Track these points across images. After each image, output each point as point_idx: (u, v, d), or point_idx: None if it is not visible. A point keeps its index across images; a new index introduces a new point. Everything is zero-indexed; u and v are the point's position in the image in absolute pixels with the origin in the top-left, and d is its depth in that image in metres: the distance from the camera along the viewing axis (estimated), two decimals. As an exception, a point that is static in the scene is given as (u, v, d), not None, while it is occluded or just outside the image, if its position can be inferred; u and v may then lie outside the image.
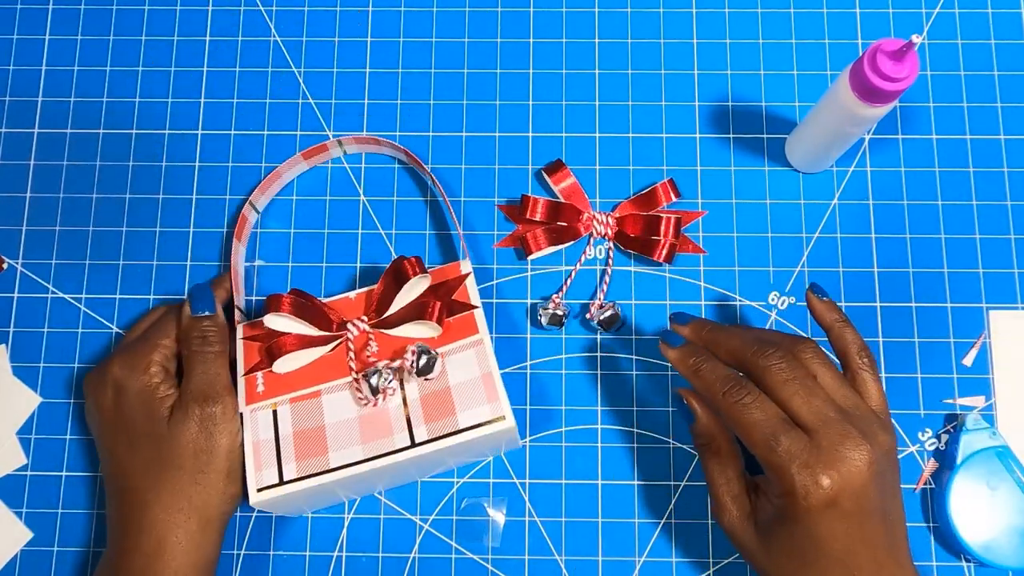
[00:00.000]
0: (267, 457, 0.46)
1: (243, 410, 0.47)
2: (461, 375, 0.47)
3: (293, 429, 0.47)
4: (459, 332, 0.48)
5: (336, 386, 0.47)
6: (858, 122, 0.45)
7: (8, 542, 0.51)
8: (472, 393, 0.46)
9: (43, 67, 0.57)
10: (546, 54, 0.57)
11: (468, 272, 0.50)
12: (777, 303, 0.53)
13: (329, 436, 0.46)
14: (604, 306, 0.52)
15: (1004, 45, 0.56)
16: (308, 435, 0.46)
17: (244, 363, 0.48)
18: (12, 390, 0.52)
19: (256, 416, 0.47)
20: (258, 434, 0.47)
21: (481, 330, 0.48)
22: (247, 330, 0.50)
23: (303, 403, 0.47)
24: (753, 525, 0.43)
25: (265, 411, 0.47)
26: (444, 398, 0.46)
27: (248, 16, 0.57)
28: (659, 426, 0.51)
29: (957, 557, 0.50)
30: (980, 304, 0.53)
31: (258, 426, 0.47)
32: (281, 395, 0.47)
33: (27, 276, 0.54)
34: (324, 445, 0.46)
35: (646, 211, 0.53)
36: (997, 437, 0.49)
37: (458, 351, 0.47)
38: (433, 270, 0.50)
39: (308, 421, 0.47)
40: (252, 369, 0.48)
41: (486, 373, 0.46)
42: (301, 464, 0.46)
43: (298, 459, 0.46)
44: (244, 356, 0.49)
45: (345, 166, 0.55)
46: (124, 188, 0.55)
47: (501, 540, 0.50)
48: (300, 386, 0.47)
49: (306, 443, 0.46)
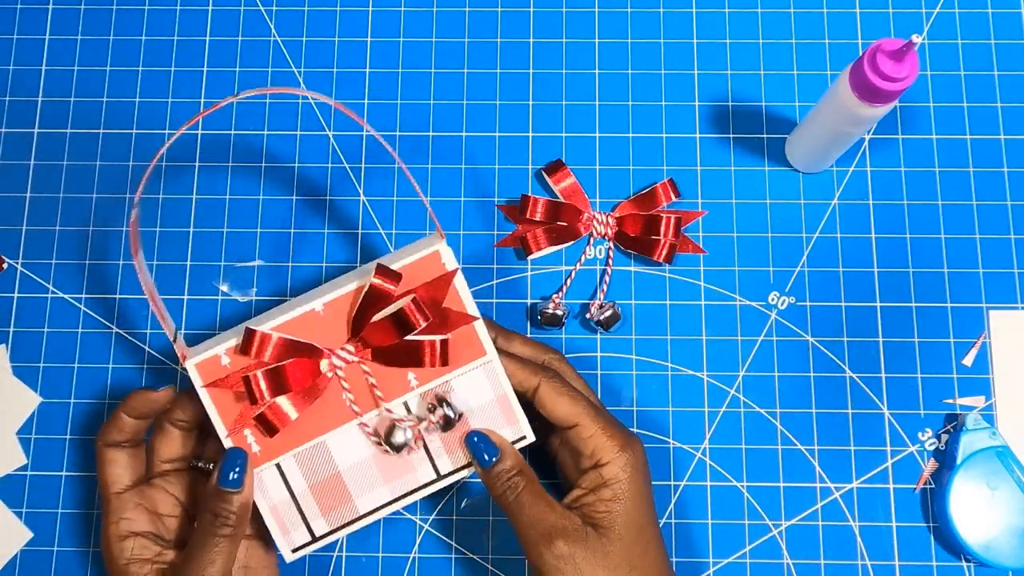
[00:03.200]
0: (290, 518, 0.44)
1: None
2: (475, 399, 0.44)
3: (308, 484, 0.44)
4: (463, 352, 0.44)
5: (339, 430, 0.44)
6: (858, 122, 0.45)
7: (8, 542, 0.51)
8: (490, 417, 0.44)
9: (43, 67, 0.57)
10: (546, 54, 0.57)
11: (454, 269, 0.43)
12: (777, 303, 0.53)
13: (348, 482, 0.44)
14: (604, 306, 0.52)
15: (1004, 45, 0.56)
16: (326, 486, 0.44)
17: (219, 417, 0.42)
18: (12, 390, 0.52)
19: (261, 478, 0.43)
20: (271, 497, 0.44)
21: (487, 347, 0.44)
22: (205, 371, 0.42)
23: (308, 452, 0.44)
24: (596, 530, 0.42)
25: (269, 470, 0.44)
26: (460, 426, 0.44)
27: (248, 16, 0.57)
28: (659, 426, 0.51)
29: (957, 557, 0.50)
30: (980, 304, 0.53)
31: (267, 489, 0.44)
32: (282, 454, 0.43)
33: (27, 276, 0.54)
34: (346, 492, 0.44)
35: (646, 211, 0.53)
36: (997, 437, 0.49)
37: (466, 373, 0.44)
38: (404, 264, 0.43)
39: (321, 471, 0.44)
40: (235, 428, 0.42)
41: (500, 395, 0.44)
42: (329, 517, 0.44)
43: (324, 513, 0.44)
44: (216, 409, 0.42)
45: (345, 166, 0.55)
46: (124, 188, 0.55)
47: (500, 540, 0.50)
48: (301, 439, 0.43)
49: (327, 495, 0.44)
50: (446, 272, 0.43)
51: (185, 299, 0.53)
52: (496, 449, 0.43)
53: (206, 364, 0.42)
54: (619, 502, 0.42)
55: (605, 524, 0.42)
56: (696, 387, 0.52)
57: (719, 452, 0.51)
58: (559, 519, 0.42)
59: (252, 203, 0.54)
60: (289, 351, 0.42)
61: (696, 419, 0.52)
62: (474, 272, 0.53)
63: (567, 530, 0.41)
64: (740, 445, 0.51)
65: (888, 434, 0.51)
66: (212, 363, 0.42)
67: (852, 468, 0.51)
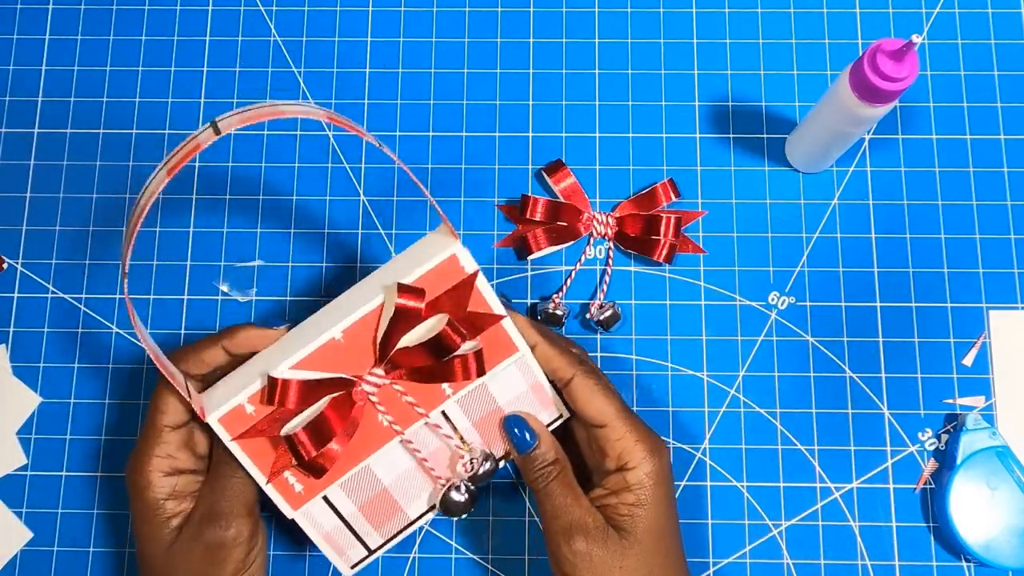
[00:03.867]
0: (344, 541, 0.44)
1: (292, 515, 0.43)
2: (508, 393, 0.44)
3: (356, 506, 0.43)
4: (494, 352, 0.42)
5: (381, 452, 0.43)
6: (858, 122, 0.45)
7: (8, 542, 0.51)
8: (526, 405, 0.45)
9: (43, 67, 0.57)
10: (546, 54, 0.57)
11: (475, 271, 0.41)
12: (777, 303, 0.53)
13: (396, 494, 0.44)
14: (604, 306, 0.52)
15: (1004, 45, 0.56)
16: (374, 504, 0.44)
17: (257, 470, 0.41)
18: (12, 390, 0.52)
19: (310, 512, 0.43)
20: (322, 527, 0.43)
21: (518, 343, 0.43)
22: (230, 424, 0.40)
23: (353, 478, 0.43)
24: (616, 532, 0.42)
25: (317, 502, 0.43)
26: (497, 419, 0.44)
27: (248, 16, 0.57)
28: (659, 426, 0.51)
29: (957, 557, 0.50)
30: (980, 304, 0.53)
31: (317, 520, 0.43)
32: (327, 487, 0.42)
33: (27, 276, 0.54)
34: (395, 504, 0.44)
35: (646, 211, 0.53)
36: (997, 437, 0.49)
37: (500, 372, 0.43)
38: (423, 274, 0.40)
39: (367, 491, 0.43)
40: (276, 472, 0.41)
41: (533, 383, 0.44)
42: (382, 530, 0.44)
43: (376, 527, 0.44)
44: (250, 458, 0.40)
45: (345, 165, 0.55)
46: (124, 188, 0.55)
47: (500, 540, 0.50)
48: (344, 468, 0.42)
49: (377, 511, 0.44)
50: (467, 276, 0.40)
51: (185, 299, 0.53)
52: (535, 435, 0.44)
53: (230, 416, 0.40)
54: (641, 507, 0.42)
55: (626, 528, 0.42)
56: (696, 387, 0.52)
57: (719, 452, 0.51)
58: (583, 515, 0.42)
59: (252, 203, 0.54)
60: (315, 388, 0.40)
61: (696, 419, 0.52)
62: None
63: (588, 527, 0.41)
64: (740, 445, 0.51)
65: (888, 434, 0.51)
66: (237, 414, 0.40)
67: (852, 468, 0.51)
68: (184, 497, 0.42)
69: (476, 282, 0.41)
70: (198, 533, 0.40)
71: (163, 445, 0.42)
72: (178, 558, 0.40)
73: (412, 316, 0.39)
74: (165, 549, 0.41)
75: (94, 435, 0.52)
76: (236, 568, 0.41)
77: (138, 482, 0.41)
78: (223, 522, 0.40)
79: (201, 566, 0.40)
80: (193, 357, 0.43)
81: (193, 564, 0.40)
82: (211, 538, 0.40)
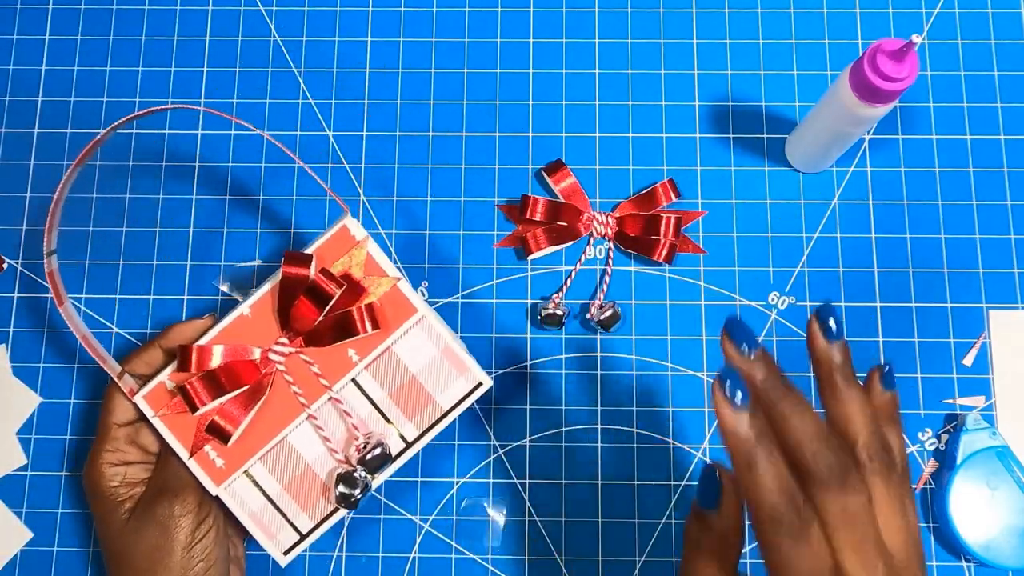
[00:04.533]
0: (273, 522, 0.44)
1: (216, 492, 0.44)
2: (420, 359, 0.44)
3: (281, 484, 0.44)
4: (394, 315, 0.44)
5: (295, 424, 0.44)
6: (858, 122, 0.45)
7: (8, 542, 0.51)
8: (440, 372, 0.44)
9: (43, 67, 0.57)
10: (546, 54, 0.57)
11: (365, 237, 0.44)
12: (777, 303, 0.53)
13: (320, 473, 0.44)
14: (604, 306, 0.52)
15: (1004, 45, 0.56)
16: (299, 483, 0.44)
17: (179, 444, 0.44)
18: (12, 390, 0.52)
19: (234, 489, 0.44)
20: (247, 506, 0.44)
21: (416, 304, 0.44)
22: (154, 401, 0.44)
23: (273, 453, 0.44)
24: None
25: (241, 480, 0.44)
26: (414, 388, 0.44)
27: (248, 16, 0.57)
28: (659, 426, 0.51)
29: (957, 557, 0.50)
30: (980, 304, 0.53)
31: (242, 498, 0.44)
32: (247, 460, 0.44)
33: (27, 276, 0.54)
34: (320, 483, 0.44)
35: (646, 211, 0.53)
36: (997, 437, 0.49)
37: (404, 336, 0.44)
38: (316, 246, 0.44)
39: (291, 470, 0.44)
40: (196, 449, 0.44)
41: (444, 348, 0.44)
42: (311, 512, 0.44)
43: (305, 509, 0.44)
44: (173, 435, 0.44)
45: (345, 165, 0.55)
46: (124, 188, 0.55)
47: (501, 540, 0.50)
48: (261, 442, 0.44)
49: (302, 491, 0.44)
50: (356, 243, 0.44)
51: (185, 299, 0.53)
52: (719, 499, 0.34)
53: (154, 394, 0.44)
54: None
55: None
56: (696, 387, 0.52)
57: (719, 452, 0.51)
58: None
59: (252, 203, 0.55)
60: (227, 358, 0.43)
61: (696, 419, 0.52)
62: (474, 272, 0.53)
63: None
64: (740, 445, 0.51)
65: (888, 434, 0.51)
66: (159, 391, 0.44)
67: (852, 468, 0.51)
68: (135, 484, 0.44)
69: (369, 248, 0.44)
70: (149, 509, 0.43)
71: (113, 440, 0.45)
72: (133, 536, 0.43)
73: (300, 281, 0.42)
74: (120, 529, 0.43)
75: (94, 435, 0.52)
76: (187, 538, 0.43)
77: (91, 475, 0.44)
78: (170, 495, 0.43)
79: (155, 540, 0.42)
80: (136, 360, 0.46)
81: (147, 539, 0.42)
82: (161, 513, 0.43)
